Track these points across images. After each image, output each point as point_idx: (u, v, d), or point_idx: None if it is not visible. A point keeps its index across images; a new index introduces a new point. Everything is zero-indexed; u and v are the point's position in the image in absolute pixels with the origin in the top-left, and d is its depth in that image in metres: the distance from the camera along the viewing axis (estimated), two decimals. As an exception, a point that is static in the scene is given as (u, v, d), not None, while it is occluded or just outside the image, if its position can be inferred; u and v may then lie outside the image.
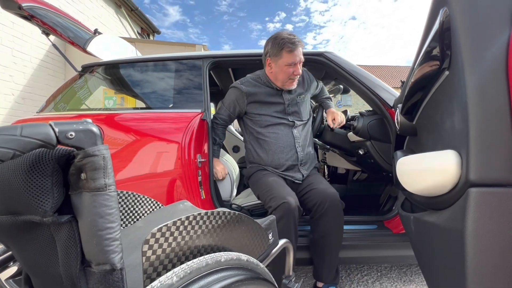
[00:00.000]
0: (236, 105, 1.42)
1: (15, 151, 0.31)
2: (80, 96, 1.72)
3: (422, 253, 0.79)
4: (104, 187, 0.37)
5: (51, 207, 0.37)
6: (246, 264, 0.54)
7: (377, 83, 1.43)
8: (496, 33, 0.51)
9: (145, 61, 1.63)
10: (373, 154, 1.50)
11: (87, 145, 0.36)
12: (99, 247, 0.36)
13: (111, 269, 0.37)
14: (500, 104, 0.50)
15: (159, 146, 1.37)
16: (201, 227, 0.49)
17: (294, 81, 1.35)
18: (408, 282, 1.49)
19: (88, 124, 0.37)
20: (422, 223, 0.73)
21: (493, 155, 0.51)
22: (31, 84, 4.61)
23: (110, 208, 0.37)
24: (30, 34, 4.48)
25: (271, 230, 0.75)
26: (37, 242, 0.43)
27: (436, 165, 0.60)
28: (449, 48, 0.57)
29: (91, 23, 5.43)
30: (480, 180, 0.51)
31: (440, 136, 0.59)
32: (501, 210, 0.50)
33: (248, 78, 1.45)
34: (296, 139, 1.37)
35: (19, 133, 0.31)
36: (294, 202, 1.10)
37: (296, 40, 1.25)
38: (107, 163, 0.37)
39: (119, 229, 0.38)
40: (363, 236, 1.34)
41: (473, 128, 0.51)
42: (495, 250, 0.50)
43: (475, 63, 0.51)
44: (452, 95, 0.54)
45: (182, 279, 0.41)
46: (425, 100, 0.70)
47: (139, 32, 7.79)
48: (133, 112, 1.52)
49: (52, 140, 0.33)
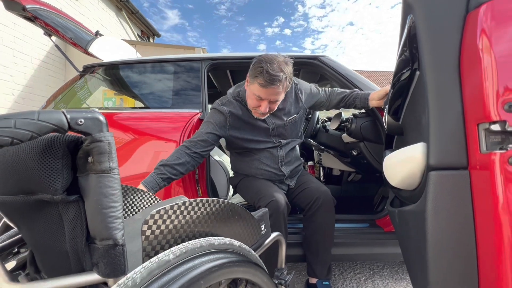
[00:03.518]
0: (215, 128, 1.21)
1: (32, 133, 0.35)
2: (80, 97, 1.75)
3: (403, 243, 0.84)
4: (108, 169, 0.41)
5: (61, 186, 0.41)
6: (239, 250, 0.58)
7: (370, 86, 1.48)
8: (451, 37, 0.58)
9: (145, 62, 1.67)
10: (366, 155, 1.54)
11: (95, 131, 0.40)
12: (103, 224, 0.40)
13: (113, 244, 0.41)
14: (454, 98, 0.56)
15: (157, 144, 1.40)
16: (196, 213, 0.53)
17: (259, 114, 1.20)
18: (399, 280, 1.52)
19: (96, 113, 0.41)
20: (404, 214, 0.78)
21: (448, 142, 0.57)
22: (31, 84, 4.64)
23: (114, 189, 0.41)
24: (31, 35, 4.53)
25: (264, 222, 0.79)
26: (46, 220, 0.47)
27: (407, 155, 0.66)
28: (417, 51, 0.64)
29: (92, 25, 5.49)
30: (437, 164, 0.58)
31: (419, 133, 0.65)
32: (455, 190, 0.56)
33: (229, 97, 1.28)
34: (281, 159, 1.30)
35: (36, 117, 0.35)
36: (282, 199, 1.13)
37: (276, 79, 1.05)
38: (111, 148, 0.41)
39: (122, 208, 0.42)
40: (355, 234, 1.38)
41: (432, 119, 0.58)
42: (451, 226, 0.56)
43: (434, 63, 0.58)
44: (423, 93, 0.60)
45: (178, 257, 0.45)
46: (407, 100, 0.76)
47: (139, 35, 7.87)
48: (132, 111, 1.56)
49: (64, 125, 0.37)
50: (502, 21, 0.49)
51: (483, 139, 0.51)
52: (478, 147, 0.52)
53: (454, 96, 0.56)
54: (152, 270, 0.41)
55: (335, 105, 1.45)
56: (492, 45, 0.49)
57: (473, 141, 0.54)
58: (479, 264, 0.52)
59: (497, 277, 0.46)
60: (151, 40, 8.66)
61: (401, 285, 1.47)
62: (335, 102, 1.43)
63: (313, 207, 1.22)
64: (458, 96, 0.56)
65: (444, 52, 0.58)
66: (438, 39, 0.59)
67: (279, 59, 1.09)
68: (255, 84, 1.10)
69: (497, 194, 0.45)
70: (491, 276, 0.49)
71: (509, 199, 0.45)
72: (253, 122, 1.26)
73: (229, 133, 1.25)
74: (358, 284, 1.49)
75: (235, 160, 1.42)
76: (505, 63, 0.48)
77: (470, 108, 0.55)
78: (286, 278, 0.90)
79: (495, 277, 0.47)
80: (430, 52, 0.58)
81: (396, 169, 0.74)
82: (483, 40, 0.50)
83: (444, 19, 0.58)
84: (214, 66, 1.62)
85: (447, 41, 0.58)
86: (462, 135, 0.55)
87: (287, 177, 1.35)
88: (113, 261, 0.41)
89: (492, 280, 0.48)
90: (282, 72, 1.07)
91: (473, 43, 0.52)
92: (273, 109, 1.19)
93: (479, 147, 0.52)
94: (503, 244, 0.45)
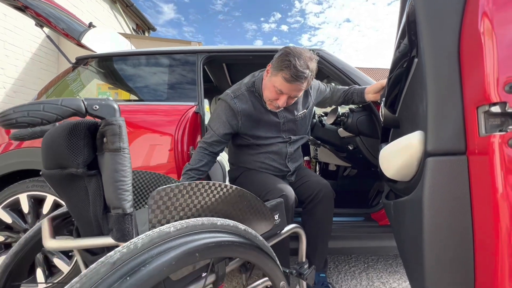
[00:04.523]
0: (226, 127, 1.20)
1: (57, 115, 0.44)
2: (72, 89, 1.72)
3: (398, 235, 0.84)
4: (119, 148, 0.49)
5: (82, 161, 0.52)
6: (244, 233, 0.59)
7: (367, 80, 1.48)
8: (451, 20, 0.57)
9: (140, 54, 1.64)
10: (361, 149, 1.54)
11: (108, 115, 0.48)
12: (114, 194, 0.49)
13: (123, 213, 0.50)
14: (453, 82, 0.55)
15: (152, 138, 1.39)
16: (202, 194, 0.57)
17: (274, 107, 1.19)
18: (393, 273, 1.54)
19: (109, 100, 0.49)
20: (400, 205, 0.78)
21: (446, 128, 0.57)
22: (23, 77, 4.55)
23: (124, 166, 0.50)
24: (23, 27, 4.42)
25: (278, 212, 0.79)
26: (77, 192, 0.58)
27: (404, 143, 0.66)
28: (416, 37, 0.63)
29: (85, 17, 5.37)
30: (435, 150, 0.58)
31: (416, 124, 0.64)
32: (452, 175, 0.56)
33: (243, 89, 1.22)
34: (289, 155, 1.30)
35: (60, 103, 0.44)
36: (292, 194, 1.11)
37: (302, 76, 1.02)
38: (122, 131, 0.49)
39: (131, 183, 0.51)
40: (350, 228, 1.39)
41: (431, 104, 0.57)
42: (447, 212, 0.56)
43: (433, 47, 0.58)
44: (421, 80, 0.60)
45: (178, 230, 0.49)
46: (404, 91, 0.76)
47: (134, 29, 7.74)
48: (127, 104, 1.54)
49: (82, 110, 0.46)
50: (503, 4, 0.48)
51: (482, 122, 0.50)
52: (477, 131, 0.52)
53: (453, 80, 0.56)
54: (153, 238, 0.46)
55: (336, 101, 1.46)
56: (494, 27, 0.48)
57: (472, 125, 0.53)
58: (475, 250, 0.53)
59: (494, 263, 0.46)
60: (146, 34, 8.53)
61: (395, 277, 1.49)
62: (336, 98, 1.45)
63: (314, 200, 1.21)
64: (458, 80, 0.55)
65: (444, 36, 0.57)
66: (438, 23, 0.58)
67: (306, 55, 1.06)
68: (278, 76, 1.06)
69: (495, 178, 0.45)
70: (487, 262, 0.49)
71: (507, 183, 0.45)
72: (265, 117, 1.23)
73: (239, 130, 1.23)
74: (352, 277, 1.50)
75: (238, 152, 1.36)
76: (507, 45, 0.48)
77: (469, 92, 0.54)
78: (305, 272, 0.90)
79: (491, 263, 0.47)
80: (429, 36, 0.57)
81: (392, 159, 0.73)
82: (485, 23, 0.49)
83: (444, 2, 0.57)
84: (210, 59, 1.60)
85: (447, 24, 0.57)
86: (460, 120, 0.55)
87: (291, 173, 1.34)
88: (122, 228, 0.50)
89: (488, 266, 0.49)
90: (308, 69, 1.04)
91: (474, 26, 0.51)
92: (290, 103, 1.17)
93: (478, 131, 0.51)
94: (500, 230, 0.45)
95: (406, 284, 1.42)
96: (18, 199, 1.35)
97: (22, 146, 1.39)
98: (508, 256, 0.45)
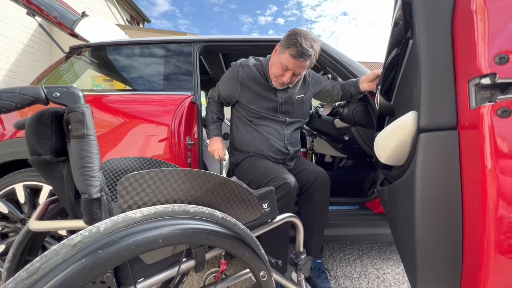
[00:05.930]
0: (228, 92, 1.37)
1: (16, 104, 0.43)
2: (66, 80, 1.69)
3: (392, 219, 0.86)
4: (83, 135, 0.49)
5: (49, 148, 0.53)
6: (222, 221, 0.58)
7: (363, 71, 1.48)
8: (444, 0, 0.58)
9: (135, 43, 1.62)
10: (357, 140, 1.56)
11: (70, 102, 0.48)
12: (81, 180, 0.50)
13: (90, 198, 0.50)
14: (446, 59, 0.57)
15: (149, 127, 1.38)
16: (177, 181, 0.56)
17: (279, 83, 1.28)
18: (386, 260, 1.58)
19: (71, 87, 0.49)
20: (393, 188, 0.80)
21: (438, 104, 0.59)
22: (15, 69, 4.46)
23: (89, 152, 0.50)
24: (14, 17, 4.31)
25: (268, 201, 0.76)
26: (56, 177, 0.59)
27: (398, 124, 0.67)
28: (411, 17, 0.64)
29: (77, 8, 5.25)
30: (427, 126, 0.60)
31: (410, 107, 0.66)
32: (443, 150, 0.58)
33: (251, 62, 1.36)
34: (286, 137, 1.36)
35: (17, 91, 0.44)
36: (294, 182, 1.13)
37: (307, 53, 1.13)
38: (85, 117, 0.49)
39: (98, 169, 0.51)
40: (345, 216, 1.41)
41: (424, 82, 0.59)
42: (438, 183, 0.58)
43: (427, 24, 0.59)
44: (415, 61, 0.61)
45: (145, 216, 0.48)
46: (399, 77, 0.77)
47: (128, 20, 7.60)
48: (122, 94, 1.52)
49: (42, 97, 0.45)
50: None
51: (473, 95, 0.52)
52: (468, 104, 0.53)
53: (446, 56, 0.57)
54: (117, 223, 0.46)
55: (337, 95, 1.50)
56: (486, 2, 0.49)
57: (463, 99, 0.54)
58: (464, 221, 0.54)
59: (480, 232, 0.48)
60: (140, 26, 8.38)
61: (388, 264, 1.53)
62: (336, 92, 1.50)
63: (311, 187, 1.24)
64: (450, 57, 0.56)
65: (438, 13, 0.58)
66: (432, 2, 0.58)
67: (311, 36, 1.16)
68: (285, 53, 1.16)
69: (484, 149, 0.46)
70: (475, 230, 0.51)
71: (496, 154, 0.46)
72: (265, 93, 1.33)
73: (238, 98, 1.36)
74: (347, 264, 1.54)
75: (241, 136, 1.39)
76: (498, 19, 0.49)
77: (461, 66, 0.55)
78: (300, 262, 0.90)
79: (478, 231, 0.49)
80: (423, 13, 0.58)
81: (386, 141, 0.75)
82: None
83: None
84: (207, 49, 1.59)
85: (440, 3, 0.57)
86: (452, 95, 0.56)
87: (290, 157, 1.37)
88: (91, 212, 0.51)
89: (475, 233, 0.51)
90: (312, 48, 1.14)
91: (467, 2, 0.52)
92: (294, 81, 1.28)
93: (469, 104, 0.53)
94: (487, 200, 0.46)
95: (399, 270, 1.46)
96: (14, 189, 1.34)
97: (16, 136, 1.37)
98: (494, 222, 0.47)
